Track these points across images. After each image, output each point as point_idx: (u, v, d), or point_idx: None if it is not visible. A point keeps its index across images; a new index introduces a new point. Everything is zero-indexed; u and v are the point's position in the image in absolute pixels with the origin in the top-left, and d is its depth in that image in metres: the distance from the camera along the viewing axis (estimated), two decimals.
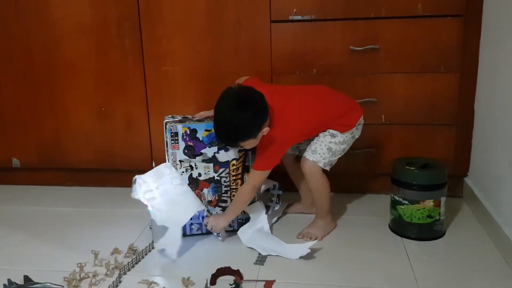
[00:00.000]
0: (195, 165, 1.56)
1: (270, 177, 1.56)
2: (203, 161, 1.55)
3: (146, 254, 1.51)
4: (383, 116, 1.80)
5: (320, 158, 1.53)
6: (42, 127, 2.02)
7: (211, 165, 1.56)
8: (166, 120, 1.56)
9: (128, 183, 2.08)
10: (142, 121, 1.95)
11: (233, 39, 1.82)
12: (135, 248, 1.52)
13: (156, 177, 1.52)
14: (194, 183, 1.57)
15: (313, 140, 1.56)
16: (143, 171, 2.09)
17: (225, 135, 1.44)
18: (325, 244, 1.56)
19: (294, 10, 1.74)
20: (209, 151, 1.55)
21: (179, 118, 1.60)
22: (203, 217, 1.58)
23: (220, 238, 1.58)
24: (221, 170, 1.57)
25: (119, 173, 2.06)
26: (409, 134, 1.82)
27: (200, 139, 1.53)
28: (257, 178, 1.52)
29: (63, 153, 2.04)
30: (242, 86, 1.49)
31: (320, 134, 1.54)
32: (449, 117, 1.78)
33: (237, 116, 1.39)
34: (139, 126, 1.96)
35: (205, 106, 1.88)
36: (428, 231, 1.56)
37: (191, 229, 1.62)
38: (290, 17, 1.75)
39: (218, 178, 1.58)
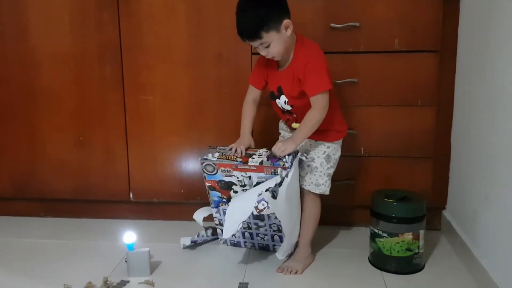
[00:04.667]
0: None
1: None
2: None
3: None
4: (362, 148, 1.82)
5: (325, 188, 1.59)
6: (16, 155, 1.98)
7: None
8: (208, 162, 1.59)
9: (104, 215, 2.04)
10: (121, 151, 1.93)
11: (215, 70, 1.83)
12: (109, 282, 1.48)
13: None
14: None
15: (308, 170, 1.57)
16: (120, 202, 2.06)
17: (247, 22, 1.45)
18: (305, 277, 1.54)
19: None
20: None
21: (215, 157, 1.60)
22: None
23: (286, 163, 1.52)
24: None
25: (95, 204, 2.02)
26: (388, 166, 1.83)
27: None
28: (322, 99, 1.49)
29: (38, 183, 1.99)
30: None
31: (315, 159, 1.57)
32: (426, 150, 1.81)
33: (256, 1, 1.45)
34: (117, 156, 1.93)
35: (186, 136, 1.88)
36: (408, 265, 1.56)
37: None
38: None
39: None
